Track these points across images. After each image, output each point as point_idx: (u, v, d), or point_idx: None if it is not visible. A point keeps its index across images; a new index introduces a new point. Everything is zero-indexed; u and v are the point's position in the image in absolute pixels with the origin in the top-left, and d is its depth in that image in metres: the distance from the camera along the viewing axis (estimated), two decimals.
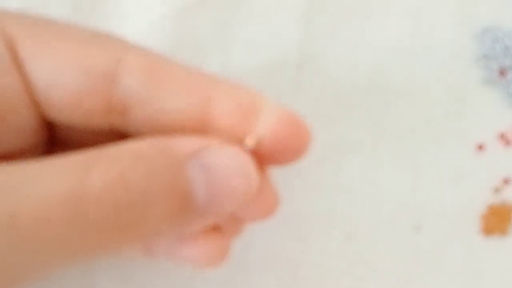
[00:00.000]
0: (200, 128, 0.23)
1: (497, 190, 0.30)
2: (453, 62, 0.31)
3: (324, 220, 0.30)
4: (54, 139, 0.25)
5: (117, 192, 0.20)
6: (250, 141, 0.23)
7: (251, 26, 0.31)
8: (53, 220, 0.19)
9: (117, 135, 0.24)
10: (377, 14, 0.31)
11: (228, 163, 0.22)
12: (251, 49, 0.31)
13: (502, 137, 0.30)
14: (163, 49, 0.31)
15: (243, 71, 0.31)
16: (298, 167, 0.30)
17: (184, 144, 0.22)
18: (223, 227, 0.26)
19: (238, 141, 0.23)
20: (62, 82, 0.22)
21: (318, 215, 0.30)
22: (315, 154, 0.30)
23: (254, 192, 0.22)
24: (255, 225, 0.30)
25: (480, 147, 0.30)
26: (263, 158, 0.24)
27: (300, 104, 0.31)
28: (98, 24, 0.31)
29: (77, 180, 0.20)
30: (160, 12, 0.31)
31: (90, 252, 0.20)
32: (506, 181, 0.30)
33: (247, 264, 0.30)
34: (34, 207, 0.19)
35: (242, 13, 0.32)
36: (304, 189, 0.30)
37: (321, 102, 0.31)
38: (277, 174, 0.30)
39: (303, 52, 0.31)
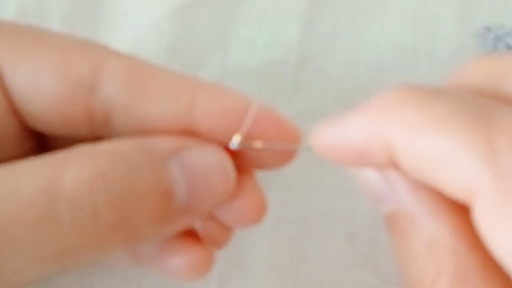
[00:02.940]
0: (184, 132, 0.23)
1: None
2: (455, 61, 0.31)
3: (324, 220, 0.30)
4: (43, 148, 0.24)
5: (95, 192, 0.19)
6: (234, 142, 0.23)
7: (250, 25, 0.31)
8: (21, 220, 0.18)
9: None
10: (378, 13, 0.31)
11: (207, 161, 0.22)
12: (251, 48, 0.31)
13: None
14: (162, 48, 0.31)
15: (242, 70, 0.31)
16: (299, 167, 0.30)
17: (165, 143, 0.22)
18: (207, 236, 0.26)
19: (222, 143, 0.23)
20: (41, 90, 0.22)
21: (318, 215, 0.30)
22: (316, 153, 0.30)
23: (231, 190, 0.22)
24: (256, 226, 0.30)
25: None
26: (249, 160, 0.24)
27: (299, 103, 0.31)
28: (96, 23, 0.31)
29: (48, 180, 0.19)
30: (159, 11, 0.31)
31: (65, 257, 0.19)
32: None
33: (248, 265, 0.30)
34: (1, 208, 0.18)
35: (242, 12, 0.32)
36: (304, 189, 0.30)
37: (321, 101, 0.31)
38: (278, 174, 0.30)
39: (303, 51, 0.31)
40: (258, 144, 0.23)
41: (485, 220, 0.16)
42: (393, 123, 0.18)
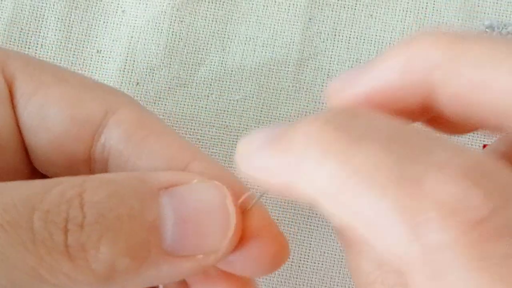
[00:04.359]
0: None
1: None
2: None
3: (325, 222, 0.30)
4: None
5: (71, 210, 0.18)
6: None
7: (251, 22, 0.31)
8: None
9: None
10: (380, 10, 0.31)
11: (202, 198, 0.19)
12: (251, 46, 0.31)
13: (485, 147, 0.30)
14: (161, 46, 0.31)
15: (242, 69, 0.31)
16: None
17: (161, 176, 0.20)
18: None
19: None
20: (49, 123, 0.22)
21: (319, 217, 0.30)
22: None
23: (233, 235, 0.19)
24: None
25: (487, 147, 0.30)
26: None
27: (300, 102, 0.31)
28: (94, 20, 0.31)
29: (32, 192, 0.18)
30: (157, 9, 0.31)
31: (35, 275, 0.18)
32: None
33: None
34: None
35: (242, 10, 0.31)
36: None
37: (322, 100, 0.31)
38: None
39: (303, 49, 0.31)
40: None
41: None
42: (308, 173, 0.16)
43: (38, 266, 0.18)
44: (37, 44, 0.31)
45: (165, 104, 0.31)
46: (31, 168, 0.23)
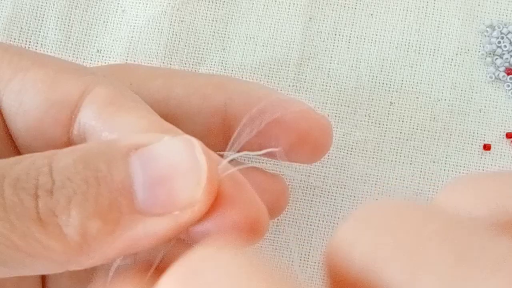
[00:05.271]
0: None
1: None
2: (459, 59, 0.31)
3: (327, 221, 0.30)
4: None
5: (40, 176, 0.18)
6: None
7: (251, 22, 0.31)
8: None
9: None
10: (381, 10, 0.31)
11: (170, 154, 0.19)
12: (251, 46, 0.31)
13: (509, 136, 0.30)
14: (161, 45, 0.31)
15: (242, 68, 0.31)
16: (300, 168, 0.30)
17: (130, 139, 0.20)
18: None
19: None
20: (26, 108, 0.22)
21: (320, 216, 0.30)
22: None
23: (207, 185, 0.19)
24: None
25: (487, 147, 0.30)
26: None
27: None
28: (94, 20, 0.31)
29: (5, 164, 0.19)
30: (157, 8, 0.31)
31: (5, 246, 0.18)
32: None
33: None
34: None
35: (242, 10, 0.31)
36: (306, 189, 0.30)
37: (322, 100, 0.31)
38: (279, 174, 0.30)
39: (304, 49, 0.31)
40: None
41: None
42: None
43: (10, 233, 0.18)
44: (37, 43, 0.31)
45: None
46: (18, 154, 0.23)
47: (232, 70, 0.31)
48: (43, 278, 0.26)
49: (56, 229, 0.18)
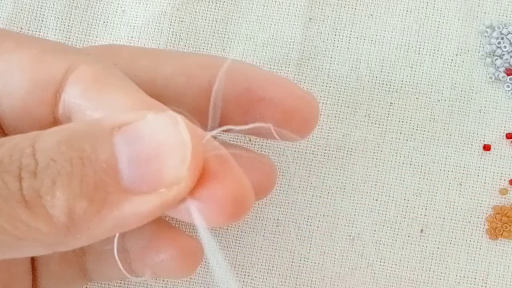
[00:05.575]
0: None
1: (503, 192, 0.30)
2: (459, 59, 0.31)
3: (327, 221, 0.30)
4: None
5: (23, 158, 0.18)
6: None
7: (251, 22, 0.31)
8: None
9: None
10: (381, 11, 0.31)
11: (154, 131, 0.19)
12: (251, 46, 0.31)
13: (509, 137, 0.30)
14: (161, 45, 0.31)
15: None
16: (300, 167, 0.30)
17: (114, 118, 0.20)
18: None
19: None
20: (11, 88, 0.22)
21: (320, 217, 0.30)
22: (318, 154, 0.30)
23: (191, 161, 0.19)
24: (257, 227, 0.30)
25: (487, 147, 0.30)
26: None
27: None
28: (94, 20, 0.31)
29: None
30: (157, 8, 0.31)
31: None
32: None
33: (250, 267, 0.30)
34: None
35: (242, 10, 0.31)
36: (306, 190, 0.30)
37: (323, 100, 0.31)
38: (278, 175, 0.30)
39: (304, 49, 0.31)
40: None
41: None
42: None
43: None
44: None
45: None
46: (4, 136, 0.23)
47: None
48: (33, 264, 0.26)
49: (42, 211, 0.18)
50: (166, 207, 0.19)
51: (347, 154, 0.30)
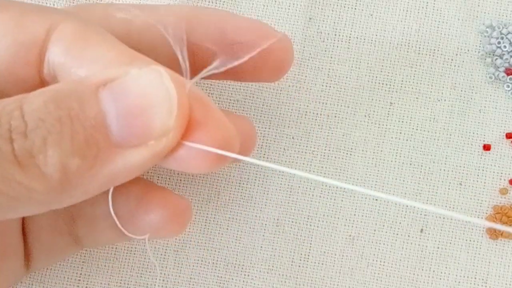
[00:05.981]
0: None
1: (503, 192, 0.30)
2: (459, 59, 0.31)
3: (326, 221, 0.30)
4: None
5: (12, 120, 0.19)
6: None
7: None
8: None
9: None
10: (381, 10, 0.31)
11: (140, 85, 0.19)
12: None
13: (509, 136, 0.30)
14: None
15: None
16: (300, 167, 0.30)
17: (99, 75, 0.20)
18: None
19: None
20: None
21: (320, 216, 0.30)
22: (317, 154, 0.30)
23: (178, 112, 0.19)
24: (257, 227, 0.30)
25: (487, 147, 0.30)
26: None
27: (301, 102, 0.31)
28: None
29: None
30: None
31: None
32: None
33: (249, 267, 0.30)
34: None
35: (242, 9, 0.31)
36: (305, 190, 0.30)
37: (323, 100, 0.31)
38: (278, 175, 0.30)
39: (304, 49, 0.31)
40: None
41: None
42: None
43: None
44: None
45: None
46: None
47: None
48: (24, 235, 0.26)
49: (36, 170, 0.19)
50: (156, 158, 0.20)
51: (347, 154, 0.30)
